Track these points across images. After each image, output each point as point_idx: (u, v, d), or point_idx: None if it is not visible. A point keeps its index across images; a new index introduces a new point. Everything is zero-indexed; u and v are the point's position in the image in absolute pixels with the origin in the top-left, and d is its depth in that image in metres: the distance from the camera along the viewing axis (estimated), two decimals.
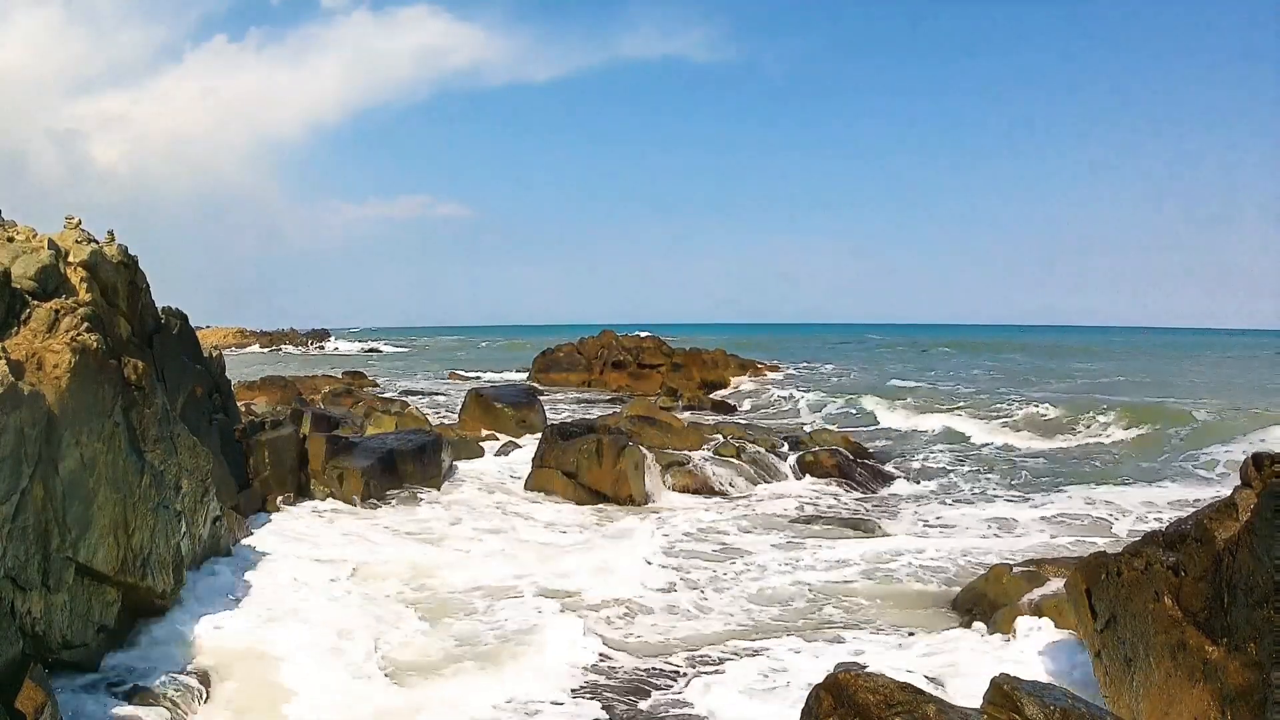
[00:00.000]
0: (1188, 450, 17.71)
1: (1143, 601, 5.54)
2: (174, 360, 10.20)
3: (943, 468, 17.69)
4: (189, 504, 8.33)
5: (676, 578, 10.03)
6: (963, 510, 14.07)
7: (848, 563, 10.64)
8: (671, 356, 37.16)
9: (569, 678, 7.25)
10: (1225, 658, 4.84)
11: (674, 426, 19.49)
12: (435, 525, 12.24)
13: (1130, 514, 13.23)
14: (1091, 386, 33.19)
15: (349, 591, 9.10)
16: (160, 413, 8.11)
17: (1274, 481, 4.80)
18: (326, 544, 10.97)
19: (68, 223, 8.26)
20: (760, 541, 11.74)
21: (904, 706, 4.52)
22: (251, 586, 8.87)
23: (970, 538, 12.10)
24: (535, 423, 20.67)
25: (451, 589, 9.40)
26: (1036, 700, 4.38)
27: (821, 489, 15.49)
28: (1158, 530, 5.81)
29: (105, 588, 6.68)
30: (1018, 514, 13.62)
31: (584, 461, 14.27)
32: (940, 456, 18.86)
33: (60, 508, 6.17)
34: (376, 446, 14.39)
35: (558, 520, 12.87)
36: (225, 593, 8.63)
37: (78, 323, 6.94)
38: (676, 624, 8.63)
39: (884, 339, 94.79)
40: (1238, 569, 4.86)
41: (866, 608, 9.10)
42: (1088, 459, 18.07)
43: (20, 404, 5.87)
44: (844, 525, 12.69)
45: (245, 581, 8.98)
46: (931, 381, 36.72)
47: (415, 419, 20.59)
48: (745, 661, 7.58)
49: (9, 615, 5.59)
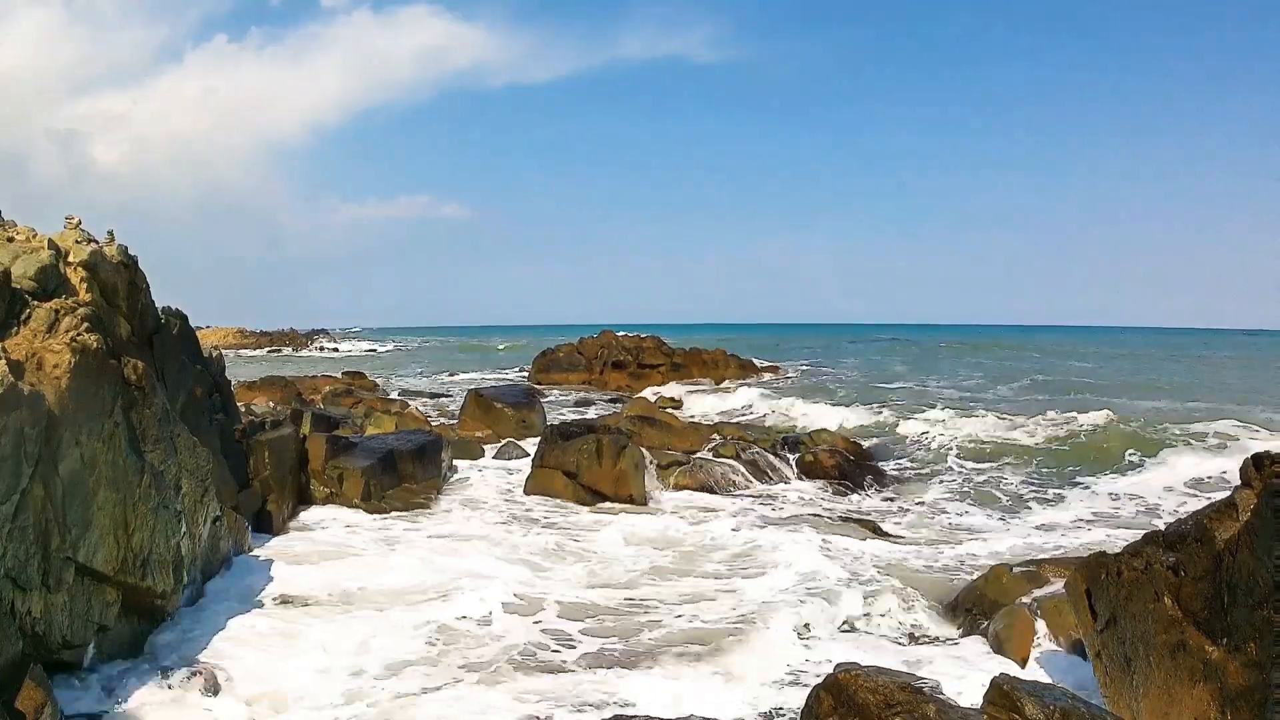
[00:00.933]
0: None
1: (1143, 601, 5.54)
2: (174, 360, 10.19)
3: (943, 467, 17.69)
4: (189, 504, 8.33)
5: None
6: (965, 509, 14.09)
7: (849, 558, 10.66)
8: (671, 356, 37.19)
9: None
10: (1225, 658, 4.84)
11: (674, 426, 19.50)
12: (437, 529, 12.23)
13: (1145, 502, 13.26)
14: (1093, 388, 33.17)
15: (350, 595, 9.10)
16: (160, 413, 8.11)
17: (1274, 481, 4.80)
18: (327, 547, 10.97)
19: (68, 223, 8.26)
20: (761, 536, 11.73)
21: (904, 706, 4.52)
22: (252, 586, 8.87)
23: (970, 535, 12.11)
24: (535, 423, 20.67)
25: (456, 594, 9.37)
26: (1036, 700, 4.39)
27: (821, 488, 15.50)
28: (1157, 530, 5.81)
29: (105, 588, 6.68)
30: (1019, 514, 13.63)
31: (584, 461, 14.29)
32: (941, 456, 18.85)
33: (60, 508, 6.17)
34: (376, 446, 14.40)
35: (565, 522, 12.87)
36: (225, 592, 8.64)
37: (78, 323, 6.94)
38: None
39: (884, 339, 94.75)
40: (1238, 569, 4.86)
41: (864, 605, 9.09)
42: (1086, 459, 18.05)
43: (20, 404, 5.87)
44: (844, 523, 12.68)
45: (246, 581, 8.99)
46: (934, 381, 36.73)
47: (415, 419, 20.60)
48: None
49: (9, 615, 5.59)
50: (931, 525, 12.96)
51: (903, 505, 14.53)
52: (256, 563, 9.87)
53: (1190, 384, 34.43)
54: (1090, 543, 11.06)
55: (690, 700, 6.55)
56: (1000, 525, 12.96)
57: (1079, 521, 13.05)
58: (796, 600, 9.03)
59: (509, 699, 6.72)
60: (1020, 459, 18.07)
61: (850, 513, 13.81)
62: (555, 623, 8.53)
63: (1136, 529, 10.97)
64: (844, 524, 12.72)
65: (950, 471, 17.29)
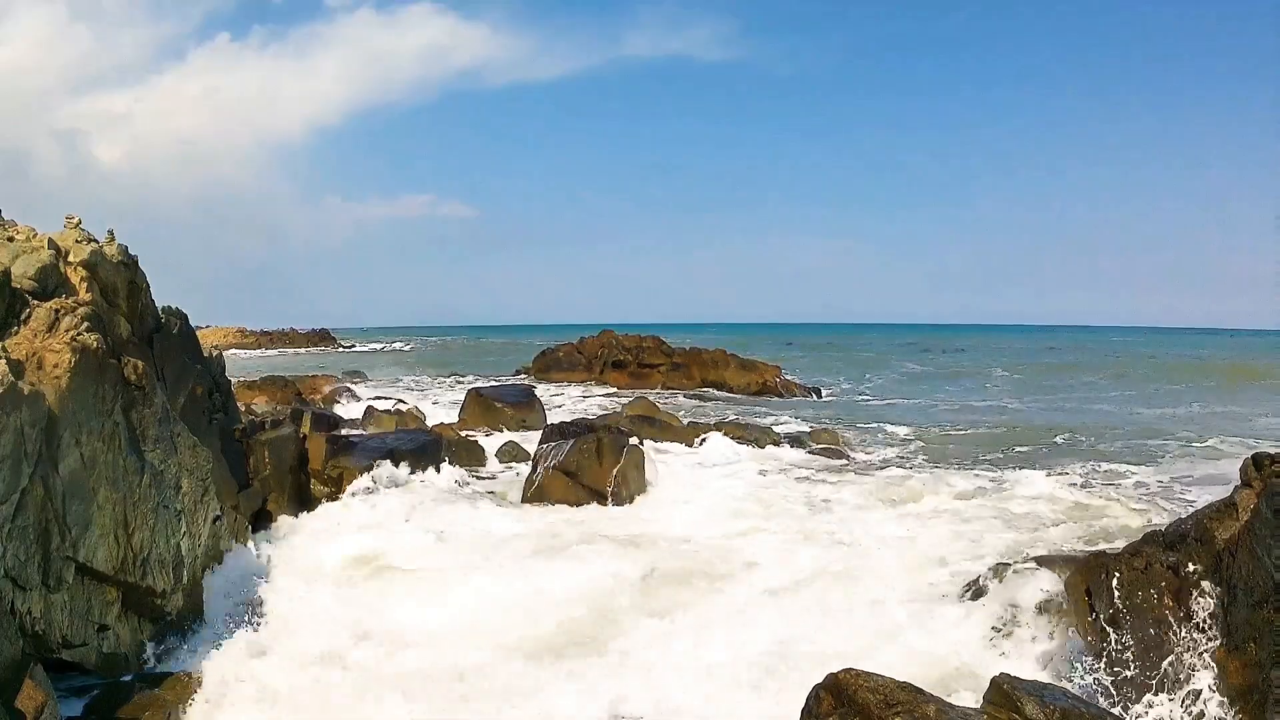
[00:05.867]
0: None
1: (1143, 601, 5.54)
2: (174, 360, 10.18)
3: (943, 469, 17.66)
4: (189, 504, 8.33)
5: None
6: (967, 508, 14.05)
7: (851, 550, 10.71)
8: (671, 356, 37.17)
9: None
10: (1225, 658, 4.84)
11: (674, 426, 19.51)
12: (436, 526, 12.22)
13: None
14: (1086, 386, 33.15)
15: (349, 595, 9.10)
16: (160, 412, 8.11)
17: (1274, 481, 4.80)
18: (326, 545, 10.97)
19: (68, 222, 8.27)
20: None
21: (904, 706, 4.52)
22: (252, 587, 8.87)
23: (971, 535, 12.08)
24: (535, 422, 20.67)
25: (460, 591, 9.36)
26: (1036, 700, 4.39)
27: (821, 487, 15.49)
28: (1157, 530, 5.82)
29: (105, 587, 6.69)
30: (1021, 514, 13.60)
31: (584, 461, 14.28)
32: (941, 458, 18.84)
33: (60, 507, 6.17)
34: (376, 446, 14.39)
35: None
36: (226, 592, 8.64)
37: (78, 322, 6.94)
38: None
39: (886, 339, 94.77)
40: (1238, 569, 4.86)
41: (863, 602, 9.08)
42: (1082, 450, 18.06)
43: (20, 403, 5.87)
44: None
45: (246, 582, 8.98)
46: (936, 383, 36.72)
47: (415, 419, 20.60)
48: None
49: (9, 615, 5.59)
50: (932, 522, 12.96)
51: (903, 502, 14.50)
52: (257, 562, 9.86)
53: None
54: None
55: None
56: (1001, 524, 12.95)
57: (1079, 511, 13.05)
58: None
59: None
60: (1023, 458, 18.01)
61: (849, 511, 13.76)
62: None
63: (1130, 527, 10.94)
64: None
65: (951, 471, 17.22)
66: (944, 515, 13.53)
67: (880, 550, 11.20)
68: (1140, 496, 13.71)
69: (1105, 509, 13.44)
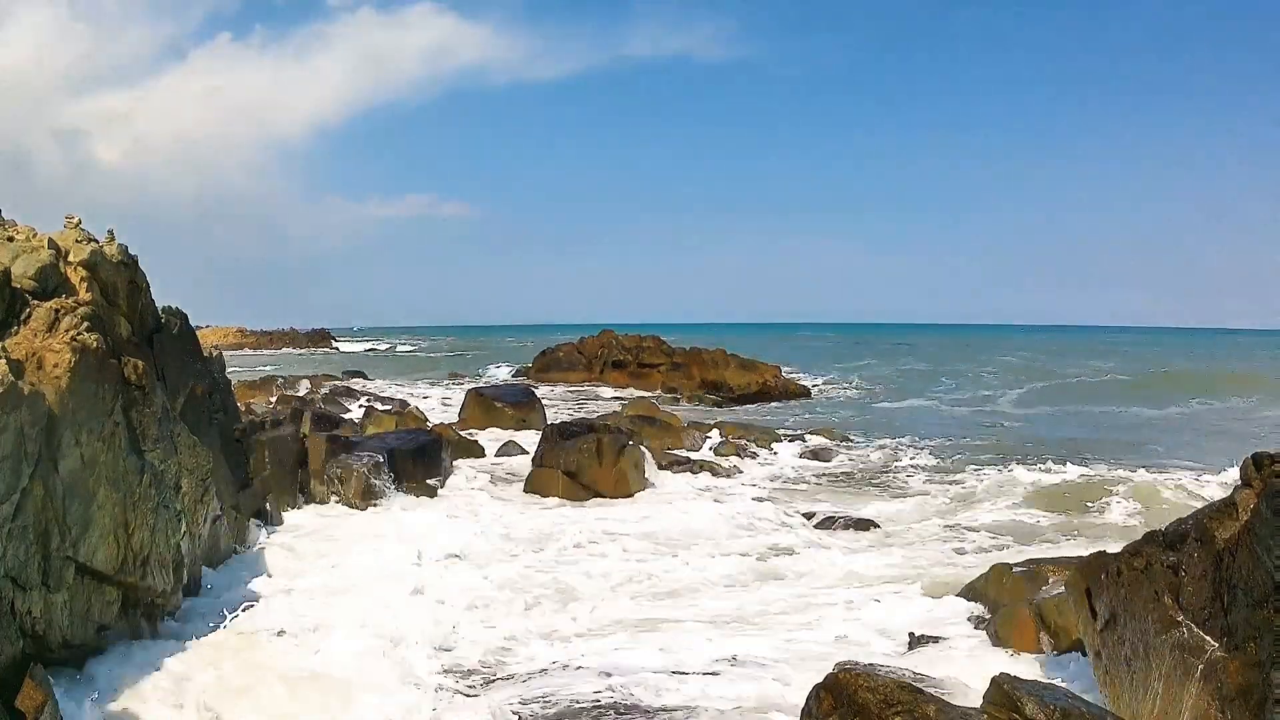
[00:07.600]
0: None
1: (1143, 601, 5.53)
2: (174, 360, 10.18)
3: (945, 467, 17.68)
4: (189, 503, 8.34)
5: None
6: (966, 506, 14.06)
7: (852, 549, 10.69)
8: (671, 356, 37.18)
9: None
10: (1225, 658, 4.84)
11: (674, 426, 19.53)
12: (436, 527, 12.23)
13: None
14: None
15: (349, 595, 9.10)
16: (160, 412, 8.11)
17: (1274, 481, 4.79)
18: (327, 545, 10.97)
19: (68, 222, 8.26)
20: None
21: (904, 706, 4.52)
22: (252, 587, 8.87)
23: (969, 533, 12.10)
24: (535, 422, 20.69)
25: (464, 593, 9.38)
26: (1036, 700, 4.39)
27: (821, 485, 15.51)
28: (1157, 530, 5.80)
29: (105, 587, 6.68)
30: (1021, 513, 13.62)
31: (584, 461, 14.30)
32: (942, 456, 18.85)
33: (60, 507, 6.17)
34: (376, 446, 14.39)
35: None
36: (226, 592, 8.64)
37: (78, 322, 6.94)
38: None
39: (886, 339, 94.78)
40: (1238, 569, 4.85)
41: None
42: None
43: (20, 404, 5.87)
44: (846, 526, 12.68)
45: (246, 582, 8.99)
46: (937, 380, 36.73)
47: (415, 419, 20.61)
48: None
49: (9, 615, 5.59)
50: (931, 522, 12.96)
51: (902, 503, 14.51)
52: (256, 561, 9.87)
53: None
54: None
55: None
56: (1003, 522, 12.96)
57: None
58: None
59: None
60: (1023, 459, 18.01)
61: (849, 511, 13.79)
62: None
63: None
64: (845, 524, 12.71)
65: (952, 467, 17.21)
66: (943, 515, 13.55)
67: (875, 550, 11.24)
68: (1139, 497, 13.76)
69: (1106, 509, 13.47)
